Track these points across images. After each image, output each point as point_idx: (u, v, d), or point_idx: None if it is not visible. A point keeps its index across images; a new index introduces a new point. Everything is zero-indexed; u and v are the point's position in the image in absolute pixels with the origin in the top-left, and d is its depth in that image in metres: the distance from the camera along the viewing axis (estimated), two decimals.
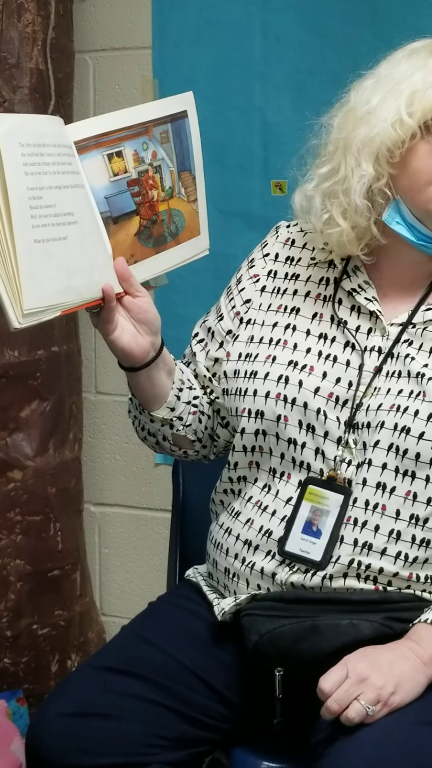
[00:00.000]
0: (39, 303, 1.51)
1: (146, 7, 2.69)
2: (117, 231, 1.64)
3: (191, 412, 1.80)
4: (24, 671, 2.62)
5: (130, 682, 1.69)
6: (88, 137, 1.60)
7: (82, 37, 2.75)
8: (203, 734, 1.72)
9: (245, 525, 1.73)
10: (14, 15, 2.50)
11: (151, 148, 1.68)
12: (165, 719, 1.68)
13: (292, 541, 1.67)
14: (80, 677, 1.74)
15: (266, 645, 1.63)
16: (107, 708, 1.66)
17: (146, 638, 1.75)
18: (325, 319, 1.74)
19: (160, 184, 1.69)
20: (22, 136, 1.50)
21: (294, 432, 1.69)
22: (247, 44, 2.58)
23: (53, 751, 1.64)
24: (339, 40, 2.48)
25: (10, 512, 2.58)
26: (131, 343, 1.65)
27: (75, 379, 2.74)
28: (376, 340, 1.70)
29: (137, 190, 1.66)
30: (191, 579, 1.86)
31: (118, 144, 1.63)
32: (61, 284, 1.54)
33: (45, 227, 1.52)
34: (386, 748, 1.46)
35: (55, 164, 1.54)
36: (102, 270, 1.61)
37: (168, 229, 1.72)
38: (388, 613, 1.61)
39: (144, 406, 1.77)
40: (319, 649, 1.59)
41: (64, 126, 1.59)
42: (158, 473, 2.82)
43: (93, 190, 1.61)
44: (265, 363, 1.73)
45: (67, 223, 1.55)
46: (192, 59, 2.64)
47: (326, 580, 1.64)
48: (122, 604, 2.90)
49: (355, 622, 1.59)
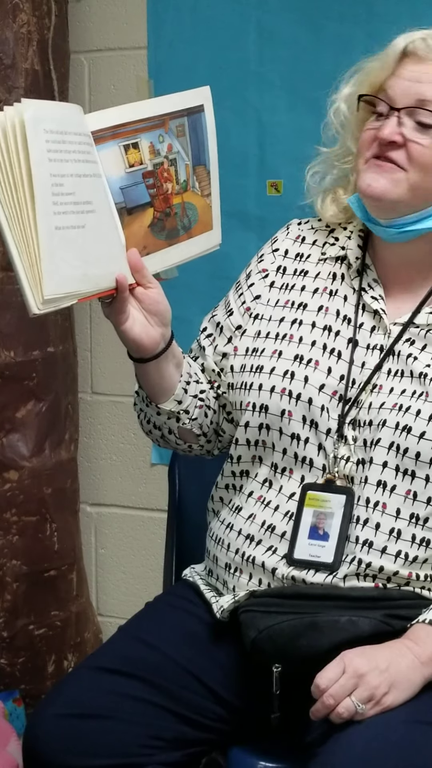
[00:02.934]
0: (58, 290, 1.51)
1: (141, 7, 2.69)
2: (131, 222, 1.64)
3: (198, 406, 1.80)
4: (20, 672, 2.61)
5: (127, 682, 1.69)
6: (105, 128, 1.60)
7: (77, 38, 2.75)
8: (200, 734, 1.71)
9: (247, 520, 1.73)
10: (9, 15, 2.50)
11: (167, 141, 1.68)
12: (161, 720, 1.68)
13: (300, 549, 1.66)
14: (77, 678, 1.74)
15: (265, 641, 1.63)
16: (104, 709, 1.66)
17: (143, 639, 1.75)
18: (331, 312, 1.74)
19: (174, 177, 1.69)
20: (47, 123, 1.50)
21: (297, 427, 1.69)
22: (242, 44, 2.58)
23: (50, 752, 1.64)
24: (334, 40, 2.48)
25: (7, 513, 2.58)
26: (142, 333, 1.65)
27: (71, 380, 2.74)
28: (378, 338, 1.71)
29: (152, 182, 1.66)
30: (188, 579, 1.86)
31: (135, 135, 1.63)
32: (79, 272, 1.53)
33: (66, 214, 1.51)
34: (378, 746, 1.46)
35: (76, 152, 1.54)
36: (116, 260, 1.61)
37: (181, 222, 1.72)
38: (388, 611, 1.61)
39: (151, 398, 1.77)
40: (318, 645, 1.59)
41: (83, 114, 1.58)
42: (154, 473, 2.82)
43: (108, 181, 1.61)
44: (271, 358, 1.73)
45: (85, 211, 1.55)
46: (187, 59, 2.64)
47: (328, 577, 1.64)
48: (118, 605, 2.90)
49: (354, 619, 1.59)
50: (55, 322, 2.62)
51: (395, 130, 1.64)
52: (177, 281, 2.52)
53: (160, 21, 2.67)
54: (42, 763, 1.65)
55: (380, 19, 2.42)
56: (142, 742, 1.66)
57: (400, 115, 1.64)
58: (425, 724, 1.51)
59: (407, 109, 1.64)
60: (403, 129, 1.64)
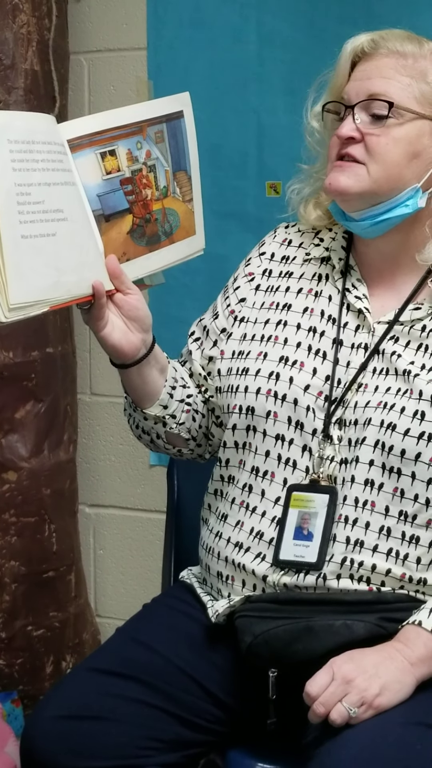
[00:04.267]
0: (25, 298, 1.52)
1: (141, 8, 2.69)
2: (109, 229, 1.65)
3: (185, 411, 1.81)
4: (19, 673, 2.61)
5: (125, 684, 1.69)
6: (81, 135, 1.62)
7: (76, 38, 2.75)
8: (198, 736, 1.72)
9: (235, 528, 1.73)
10: (9, 16, 2.50)
11: (146, 148, 1.69)
12: (159, 721, 1.68)
13: (285, 549, 1.67)
14: (74, 680, 1.74)
15: (260, 646, 1.63)
16: (101, 710, 1.66)
17: (140, 640, 1.75)
18: (316, 314, 1.76)
19: (154, 183, 1.71)
20: (11, 133, 1.51)
21: (282, 428, 1.70)
22: (242, 45, 2.58)
23: (47, 753, 1.64)
24: (334, 42, 2.47)
25: (5, 513, 2.58)
26: (122, 339, 1.67)
27: (70, 381, 2.74)
28: (363, 337, 1.72)
29: (130, 188, 1.67)
30: (185, 580, 1.86)
31: (112, 143, 1.65)
32: (50, 280, 1.54)
33: (33, 223, 1.53)
34: (375, 747, 1.47)
35: (45, 161, 1.55)
36: (92, 267, 1.61)
37: (162, 228, 1.72)
38: (382, 614, 1.61)
39: (137, 404, 1.78)
40: (313, 650, 1.59)
41: (55, 124, 1.60)
42: (153, 474, 2.82)
43: (85, 188, 1.62)
44: (256, 360, 1.74)
45: (56, 219, 1.56)
46: (187, 60, 2.64)
47: (320, 579, 1.64)
48: (117, 606, 2.90)
49: (348, 623, 1.59)
50: (54, 323, 2.62)
51: (351, 126, 1.69)
52: (176, 283, 2.52)
53: (159, 22, 2.67)
54: (39, 765, 1.65)
55: (379, 20, 2.40)
56: (139, 743, 1.67)
57: (355, 111, 1.69)
58: (421, 725, 1.51)
59: (360, 104, 1.69)
60: (359, 124, 1.69)
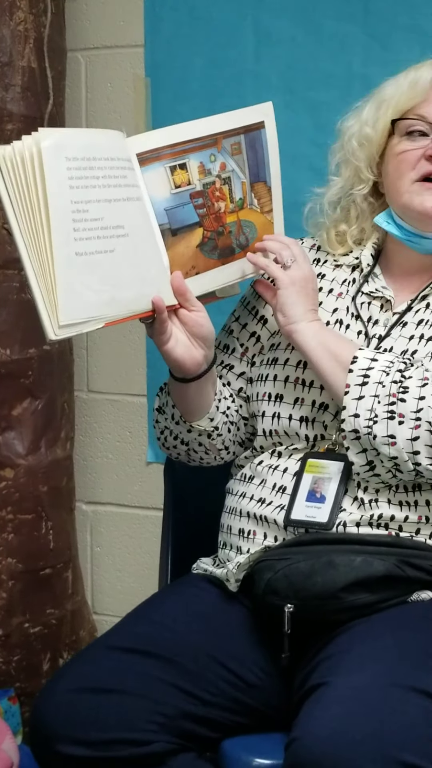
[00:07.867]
0: (77, 315, 1.53)
1: (138, 5, 2.69)
2: (176, 243, 1.65)
3: (224, 422, 1.86)
4: (16, 670, 2.61)
5: (137, 659, 1.71)
6: (150, 149, 1.62)
7: (74, 36, 2.74)
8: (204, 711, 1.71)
9: (259, 486, 1.78)
10: (6, 13, 2.50)
11: (220, 160, 1.68)
12: (167, 695, 1.69)
13: (297, 510, 1.72)
14: (87, 656, 1.76)
15: (280, 580, 1.67)
16: (111, 683, 1.68)
17: (152, 618, 1.78)
18: (341, 309, 1.82)
19: (228, 196, 1.70)
20: (69, 150, 1.51)
21: (307, 411, 1.76)
22: (240, 43, 2.58)
23: (58, 725, 1.66)
24: (331, 39, 2.48)
25: (2, 511, 2.58)
26: (184, 355, 1.71)
27: (67, 378, 2.74)
28: (379, 329, 1.80)
29: (201, 202, 1.67)
30: (198, 571, 1.88)
31: (183, 156, 1.65)
32: (105, 296, 1.55)
33: (89, 240, 1.53)
34: (356, 709, 1.48)
35: (106, 177, 1.55)
36: (153, 282, 1.62)
37: (237, 240, 1.74)
38: (401, 557, 1.67)
39: (185, 417, 1.82)
40: (332, 582, 1.64)
41: (124, 139, 1.59)
42: (150, 472, 2.82)
43: (153, 203, 1.62)
44: (285, 350, 1.80)
45: (115, 236, 1.56)
46: (184, 58, 2.64)
47: (339, 527, 1.70)
48: (114, 603, 2.90)
49: (369, 559, 1.65)
50: None
51: None
52: None
53: (157, 19, 2.67)
54: (49, 737, 1.66)
55: (377, 17, 2.42)
56: (144, 716, 1.67)
57: None
58: (403, 687, 1.52)
59: None
60: None
